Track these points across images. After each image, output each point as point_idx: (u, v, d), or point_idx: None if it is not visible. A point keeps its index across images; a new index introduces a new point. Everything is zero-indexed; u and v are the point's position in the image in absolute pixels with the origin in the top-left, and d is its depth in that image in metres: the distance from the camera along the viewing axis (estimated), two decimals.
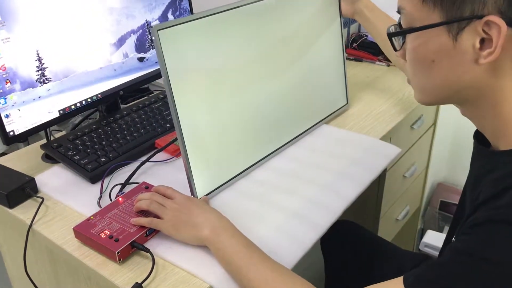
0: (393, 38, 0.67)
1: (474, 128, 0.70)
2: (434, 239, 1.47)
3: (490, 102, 0.62)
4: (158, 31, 0.78)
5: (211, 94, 0.89)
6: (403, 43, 0.66)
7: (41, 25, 0.95)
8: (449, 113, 1.61)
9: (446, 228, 1.83)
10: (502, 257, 0.54)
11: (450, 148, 1.81)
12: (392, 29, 0.67)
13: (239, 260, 0.73)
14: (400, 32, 0.66)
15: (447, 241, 0.83)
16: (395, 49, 0.69)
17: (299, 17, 1.05)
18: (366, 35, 1.57)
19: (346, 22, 1.57)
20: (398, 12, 0.65)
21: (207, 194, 0.91)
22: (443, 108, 1.52)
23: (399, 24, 0.66)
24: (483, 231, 0.56)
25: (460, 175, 1.85)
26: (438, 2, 0.58)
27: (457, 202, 1.34)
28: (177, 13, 1.24)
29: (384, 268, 1.10)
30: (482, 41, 0.57)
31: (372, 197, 1.34)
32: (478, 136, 0.70)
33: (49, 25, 0.96)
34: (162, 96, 1.25)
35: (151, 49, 1.19)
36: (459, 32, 0.58)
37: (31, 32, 0.93)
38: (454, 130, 1.77)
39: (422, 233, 1.83)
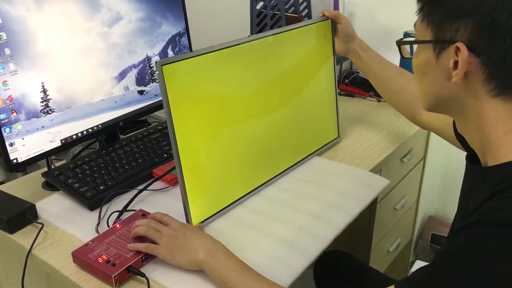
0: (401, 47, 0.79)
1: (464, 161, 0.76)
2: None
3: (473, 118, 0.68)
4: (162, 66, 0.83)
5: (209, 125, 0.94)
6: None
7: (47, 59, 1.00)
8: (439, 147, 1.65)
9: None
10: (483, 255, 0.57)
11: (441, 182, 1.85)
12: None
13: (235, 278, 0.76)
14: (399, 41, 0.79)
15: None
16: (401, 55, 0.82)
17: (294, 55, 1.10)
18: (358, 72, 1.63)
19: (339, 59, 1.63)
20: None
21: (202, 222, 0.94)
22: (433, 142, 1.57)
23: None
24: (466, 232, 0.60)
25: (451, 208, 1.87)
26: (430, 23, 0.67)
27: None
28: (177, 49, 1.30)
29: None
30: (457, 62, 0.64)
31: (363, 228, 1.36)
32: (470, 158, 0.75)
33: (55, 59, 1.01)
34: (160, 127, 1.30)
35: (151, 83, 1.24)
36: (440, 51, 0.66)
37: (37, 65, 0.98)
38: (445, 164, 1.81)
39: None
